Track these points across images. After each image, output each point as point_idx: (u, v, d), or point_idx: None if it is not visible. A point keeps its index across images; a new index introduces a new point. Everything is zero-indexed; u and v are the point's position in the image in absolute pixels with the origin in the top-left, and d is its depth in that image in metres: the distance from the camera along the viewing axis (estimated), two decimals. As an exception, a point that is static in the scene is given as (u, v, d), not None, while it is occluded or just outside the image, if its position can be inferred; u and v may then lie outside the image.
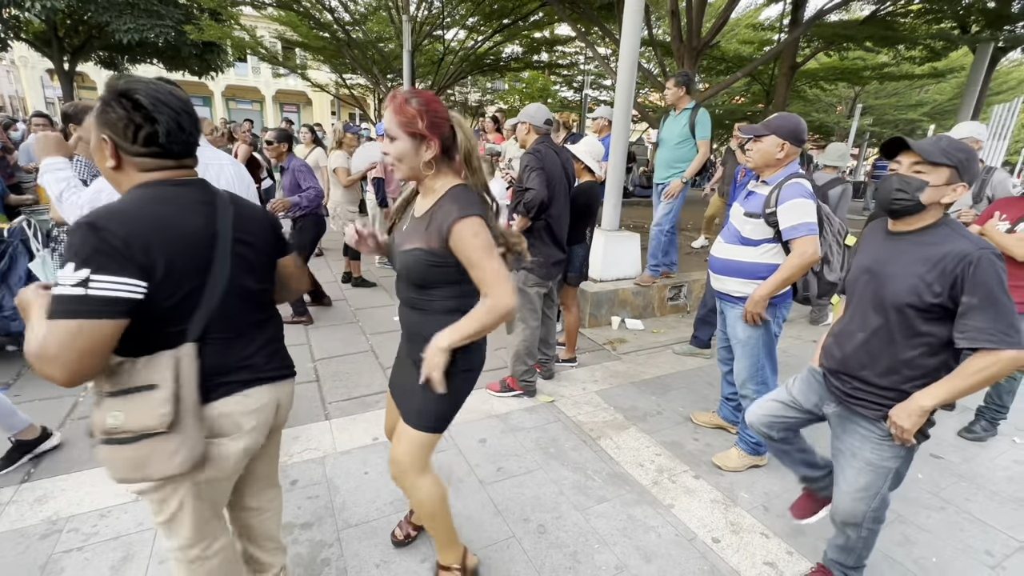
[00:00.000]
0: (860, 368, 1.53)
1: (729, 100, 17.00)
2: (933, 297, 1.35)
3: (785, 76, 8.60)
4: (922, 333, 1.41)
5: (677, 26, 6.66)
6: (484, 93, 20.38)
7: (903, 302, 1.40)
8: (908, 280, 1.39)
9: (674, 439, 2.76)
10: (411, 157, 1.33)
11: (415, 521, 1.95)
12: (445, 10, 11.25)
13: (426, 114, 1.29)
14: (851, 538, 1.66)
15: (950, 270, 1.32)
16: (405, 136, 1.30)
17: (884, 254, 1.49)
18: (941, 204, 1.40)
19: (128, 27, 12.02)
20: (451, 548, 1.70)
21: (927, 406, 1.39)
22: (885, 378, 1.48)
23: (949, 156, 1.35)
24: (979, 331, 1.30)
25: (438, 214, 1.34)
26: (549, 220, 2.84)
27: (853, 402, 1.56)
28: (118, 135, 1.04)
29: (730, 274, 2.30)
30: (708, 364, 3.73)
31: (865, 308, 1.52)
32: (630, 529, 2.08)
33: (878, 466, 1.53)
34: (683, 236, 6.66)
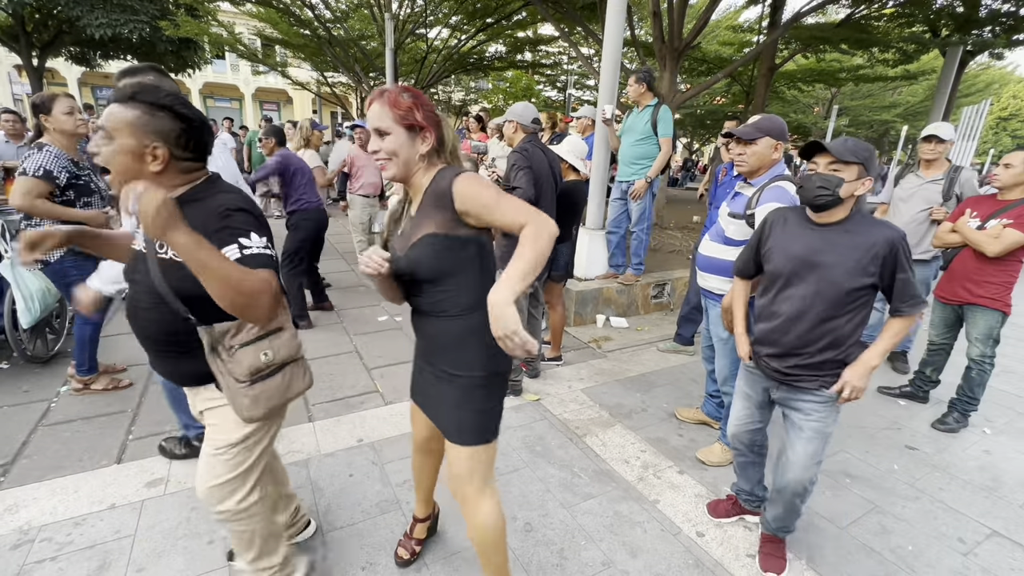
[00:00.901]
0: (803, 347, 1.67)
1: (710, 100, 17.25)
2: (868, 277, 1.56)
3: (764, 77, 8.76)
4: (853, 309, 1.61)
5: (659, 27, 6.72)
6: (468, 92, 20.33)
7: (848, 286, 1.57)
8: (847, 265, 1.57)
9: (659, 435, 2.79)
10: (407, 150, 1.27)
11: (416, 535, 1.89)
12: (428, 8, 11.18)
13: (421, 106, 1.27)
14: (798, 505, 1.80)
15: (882, 253, 1.54)
16: (401, 129, 1.25)
17: (818, 244, 1.62)
18: (854, 196, 1.59)
19: (100, 22, 11.67)
20: None
21: (876, 363, 1.61)
22: (826, 352, 1.64)
23: (857, 154, 1.53)
24: (914, 298, 1.57)
25: (435, 190, 1.28)
26: None
27: (797, 379, 1.70)
28: (171, 143, 1.19)
29: (714, 272, 2.33)
30: (692, 361, 3.78)
31: (806, 294, 1.64)
32: (616, 525, 2.10)
33: (823, 432, 1.70)
34: (665, 235, 6.74)
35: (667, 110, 4.09)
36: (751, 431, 1.94)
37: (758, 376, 1.86)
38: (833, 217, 1.62)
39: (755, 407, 1.91)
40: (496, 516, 1.46)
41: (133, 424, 2.64)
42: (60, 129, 2.56)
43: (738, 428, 1.97)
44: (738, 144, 2.20)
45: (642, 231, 4.43)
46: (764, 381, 1.84)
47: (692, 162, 21.90)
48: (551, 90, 18.70)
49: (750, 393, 1.91)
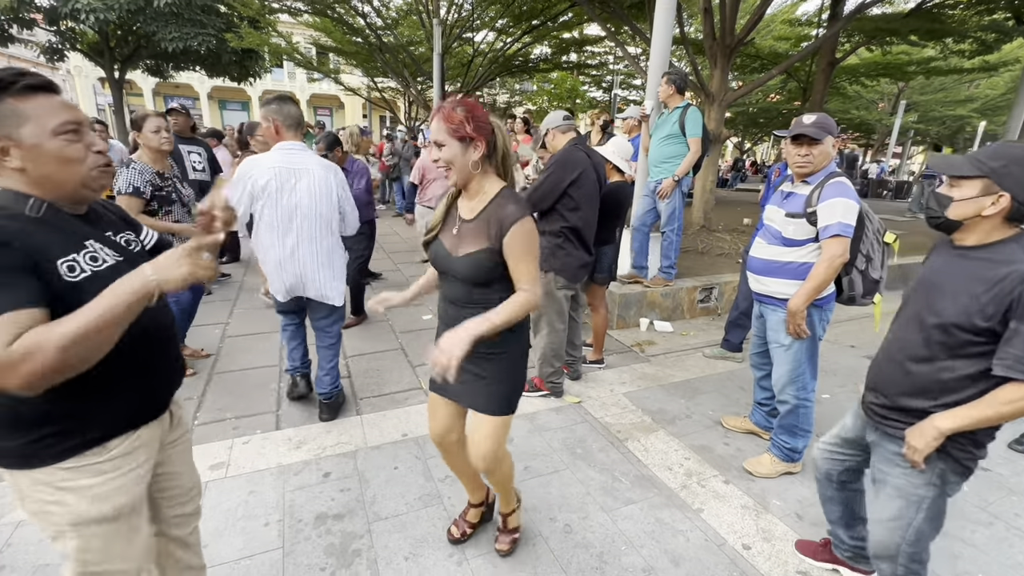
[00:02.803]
0: (894, 386, 1.44)
1: (763, 98, 16.59)
2: (983, 320, 1.24)
3: (823, 72, 8.33)
4: (964, 356, 1.30)
5: (710, 23, 6.53)
6: (512, 95, 20.44)
7: (949, 321, 1.30)
8: (960, 299, 1.28)
9: (703, 443, 2.72)
10: (460, 159, 1.43)
11: (470, 519, 1.97)
12: (475, 12, 11.34)
13: (472, 118, 1.40)
14: (885, 573, 1.55)
15: (1007, 291, 1.20)
16: (454, 141, 1.41)
17: (943, 267, 1.39)
18: (989, 217, 1.27)
19: (173, 36, 12.57)
20: (511, 496, 1.91)
21: (944, 428, 1.29)
22: (917, 399, 1.38)
23: (979, 166, 1.26)
24: (1017, 360, 1.19)
25: (497, 214, 1.45)
26: (577, 224, 2.82)
27: (884, 423, 1.47)
28: None
29: (773, 275, 2.25)
30: (739, 368, 3.65)
31: (909, 322, 1.43)
32: (658, 532, 2.06)
33: (908, 493, 1.43)
34: (714, 237, 6.54)
35: (696, 111, 3.99)
36: (831, 460, 1.75)
37: (860, 409, 1.65)
38: (968, 240, 1.34)
39: (844, 440, 1.70)
40: (511, 465, 1.81)
41: (198, 411, 2.83)
42: (147, 145, 2.88)
43: (821, 450, 1.78)
44: (804, 145, 2.11)
45: (672, 232, 4.31)
46: (863, 415, 1.62)
47: (742, 162, 21.13)
48: (596, 91, 18.52)
49: (848, 423, 1.70)
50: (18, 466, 1.00)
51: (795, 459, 2.44)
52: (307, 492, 2.20)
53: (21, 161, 0.97)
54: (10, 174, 0.98)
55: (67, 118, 0.99)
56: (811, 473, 2.43)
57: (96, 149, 1.04)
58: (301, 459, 2.42)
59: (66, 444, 1.01)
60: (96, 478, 1.04)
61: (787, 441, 2.42)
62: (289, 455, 2.45)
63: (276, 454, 2.45)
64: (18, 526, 1.95)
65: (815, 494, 2.28)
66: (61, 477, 1.01)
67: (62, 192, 1.03)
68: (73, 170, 1.01)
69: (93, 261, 1.02)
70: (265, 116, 2.42)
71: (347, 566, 1.84)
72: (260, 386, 3.10)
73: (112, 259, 1.06)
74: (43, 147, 0.97)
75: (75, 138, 1.00)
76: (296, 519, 2.05)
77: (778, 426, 2.45)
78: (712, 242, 6.26)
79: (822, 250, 2.08)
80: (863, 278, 2.18)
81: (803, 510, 2.23)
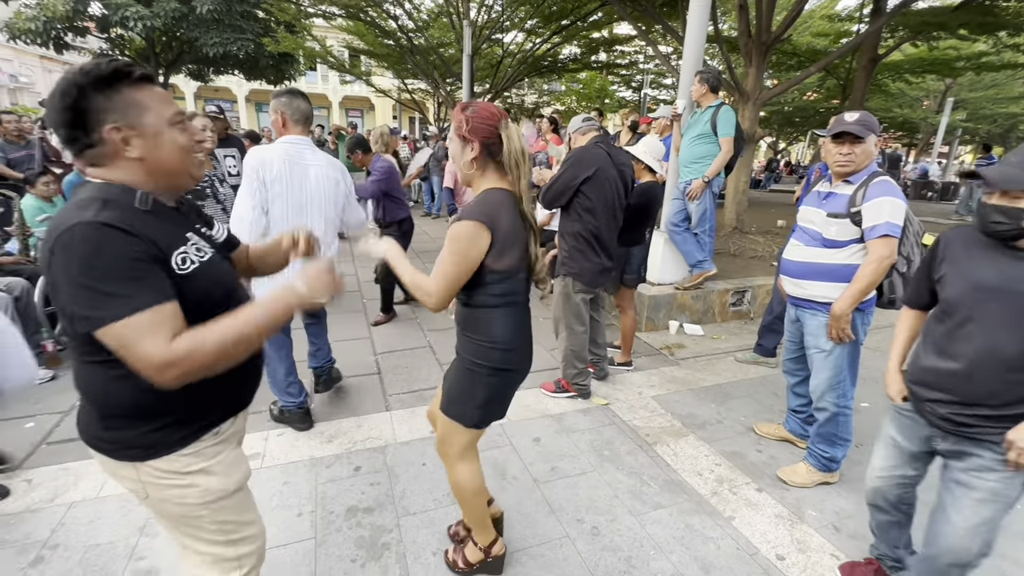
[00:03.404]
0: (988, 397, 1.37)
1: (799, 96, 16.11)
2: None
3: (865, 69, 8.04)
4: None
5: (745, 20, 6.38)
6: (540, 95, 20.42)
7: None
8: None
9: (735, 449, 2.65)
10: (458, 156, 1.49)
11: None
12: (504, 14, 11.38)
13: (472, 119, 1.43)
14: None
15: None
16: (456, 139, 1.47)
17: (1015, 272, 1.33)
18: None
19: (214, 41, 13.07)
20: (482, 531, 1.78)
21: None
22: (1019, 407, 1.33)
23: None
24: None
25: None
26: (594, 228, 2.77)
27: (975, 431, 1.40)
28: None
29: (815, 278, 2.18)
30: (773, 374, 3.56)
31: (994, 331, 1.35)
32: (687, 538, 2.03)
33: (1004, 496, 1.38)
34: (747, 239, 6.39)
35: (729, 110, 3.88)
36: (899, 486, 1.66)
37: (915, 422, 1.56)
38: None
39: (907, 459, 1.62)
40: (468, 478, 1.66)
41: (235, 402, 2.92)
42: None
43: (882, 482, 1.69)
44: (847, 144, 2.04)
45: (704, 233, 4.22)
46: (924, 429, 1.53)
47: (776, 162, 20.54)
48: (626, 90, 18.32)
49: (901, 442, 1.62)
50: (142, 457, 1.02)
51: (833, 469, 2.36)
52: (338, 485, 2.25)
53: (141, 151, 0.96)
54: (126, 165, 0.97)
55: (177, 109, 1.02)
56: (849, 484, 2.38)
57: (199, 139, 1.09)
58: (333, 453, 2.48)
59: (185, 431, 1.05)
60: (216, 458, 1.10)
61: (825, 450, 2.34)
62: (321, 448, 2.51)
63: (309, 447, 2.52)
64: (71, 507, 2.05)
65: (854, 505, 2.23)
66: (186, 463, 1.05)
67: (173, 181, 1.04)
68: (186, 158, 1.03)
69: (198, 252, 1.04)
70: (274, 108, 2.39)
71: (377, 559, 1.87)
72: (293, 380, 3.19)
73: (207, 252, 1.07)
74: (163, 136, 0.98)
75: (184, 128, 1.03)
76: (328, 511, 2.10)
77: (815, 434, 2.37)
78: (745, 244, 6.12)
79: (869, 251, 2.01)
80: (904, 281, 2.11)
81: (840, 522, 2.16)
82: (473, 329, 1.53)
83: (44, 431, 2.58)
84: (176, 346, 0.87)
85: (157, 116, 0.97)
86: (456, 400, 1.59)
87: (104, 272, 0.85)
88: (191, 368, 0.89)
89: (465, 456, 1.66)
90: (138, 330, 0.86)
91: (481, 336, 1.52)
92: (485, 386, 1.55)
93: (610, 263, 2.92)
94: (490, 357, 1.52)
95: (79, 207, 0.90)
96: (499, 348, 1.52)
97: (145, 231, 0.92)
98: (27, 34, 12.49)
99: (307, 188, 2.39)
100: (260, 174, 2.29)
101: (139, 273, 0.89)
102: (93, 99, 0.91)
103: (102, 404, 1.01)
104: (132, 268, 0.88)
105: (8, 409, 2.67)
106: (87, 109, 0.91)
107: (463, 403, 1.58)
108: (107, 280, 0.85)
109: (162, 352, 0.86)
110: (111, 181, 0.97)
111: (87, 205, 0.90)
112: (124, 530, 1.95)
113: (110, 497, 2.11)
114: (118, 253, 0.87)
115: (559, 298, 2.95)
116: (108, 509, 2.05)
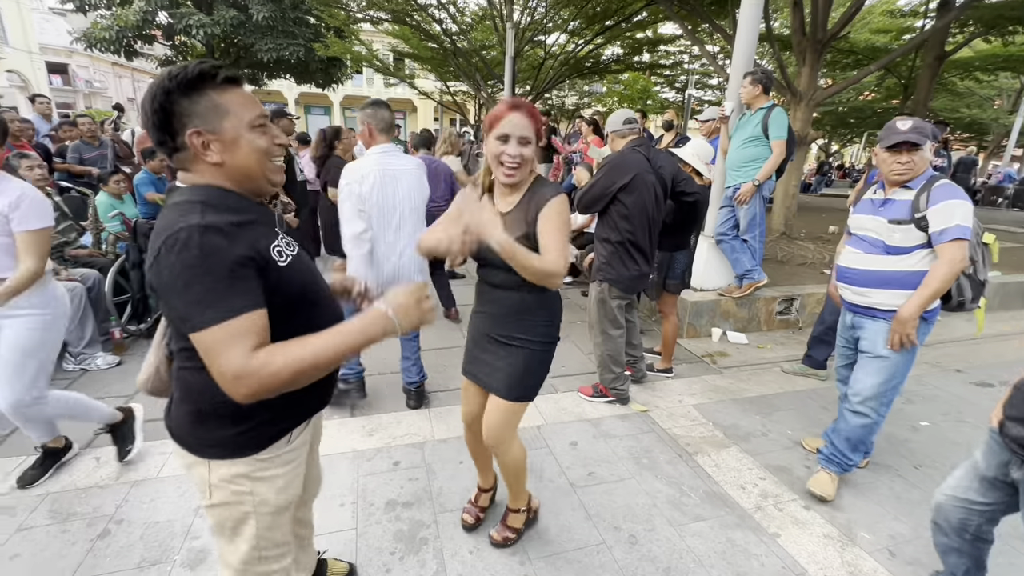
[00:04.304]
0: None
1: (855, 96, 15.34)
2: None
3: (930, 67, 7.56)
4: None
5: (800, 18, 6.13)
6: (581, 96, 20.29)
7: None
8: None
9: (781, 464, 2.55)
10: (532, 157, 1.49)
11: (480, 503, 2.07)
12: (547, 15, 11.37)
13: (542, 122, 1.50)
14: None
15: None
16: (535, 139, 1.47)
17: None
18: None
19: (268, 47, 13.69)
20: (522, 496, 1.93)
21: None
22: None
23: None
24: None
25: (535, 199, 1.50)
26: (631, 234, 2.72)
27: None
28: None
29: (880, 286, 2.09)
30: (822, 387, 3.40)
31: None
32: (729, 553, 1.96)
33: None
34: (795, 246, 6.13)
35: (781, 112, 3.73)
36: (963, 510, 1.57)
37: (998, 445, 1.48)
38: None
39: (978, 483, 1.53)
40: (522, 450, 1.81)
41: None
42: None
43: (945, 500, 1.61)
44: (904, 152, 1.97)
45: (754, 239, 4.06)
46: (1002, 453, 1.46)
47: (828, 165, 19.64)
48: (669, 91, 17.95)
49: (980, 463, 1.54)
50: (227, 455, 1.05)
51: (849, 470, 2.33)
52: (378, 478, 2.31)
53: (220, 155, 0.96)
54: (206, 169, 0.98)
55: (259, 111, 1.01)
56: (908, 507, 2.25)
57: (279, 142, 1.05)
58: (373, 446, 2.54)
59: (268, 433, 1.07)
60: (283, 468, 1.11)
61: (850, 457, 2.28)
62: (362, 441, 2.58)
63: (351, 440, 2.59)
64: (134, 485, 2.19)
65: (911, 530, 2.11)
66: (258, 467, 1.07)
67: (251, 185, 1.03)
68: (263, 162, 1.02)
69: (288, 246, 1.05)
70: (361, 120, 2.52)
71: (415, 553, 1.90)
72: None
73: (294, 248, 1.08)
74: (241, 140, 0.97)
75: (265, 131, 1.01)
76: (368, 503, 2.15)
77: (841, 438, 2.29)
78: (794, 251, 5.87)
79: (940, 255, 1.93)
80: (971, 282, 2.07)
81: (897, 547, 2.04)
82: (536, 312, 1.62)
83: (111, 413, 2.77)
84: (256, 359, 0.87)
85: (237, 120, 0.97)
86: (522, 383, 1.66)
87: (205, 275, 0.86)
88: (267, 385, 0.88)
89: (516, 433, 1.76)
90: (225, 337, 0.86)
91: (545, 316, 1.64)
92: (549, 359, 1.70)
93: (648, 269, 2.86)
94: (550, 333, 1.67)
95: (183, 211, 0.91)
96: (556, 323, 1.68)
97: (244, 233, 0.94)
98: (102, 43, 13.46)
99: (398, 195, 2.51)
100: (357, 189, 2.41)
101: (237, 277, 0.89)
102: (178, 103, 0.92)
103: (201, 401, 1.03)
104: (231, 272, 0.88)
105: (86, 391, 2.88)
106: (172, 113, 0.93)
107: (532, 384, 1.69)
108: (207, 284, 0.86)
109: (239, 363, 0.86)
110: (199, 185, 0.98)
111: (190, 209, 0.91)
112: (181, 510, 2.06)
113: (169, 478, 2.23)
114: (221, 257, 0.88)
115: (595, 303, 2.92)
116: (167, 489, 2.17)
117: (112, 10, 13.43)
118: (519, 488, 1.89)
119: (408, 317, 1.00)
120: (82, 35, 13.65)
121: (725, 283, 4.31)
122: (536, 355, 1.65)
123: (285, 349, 0.90)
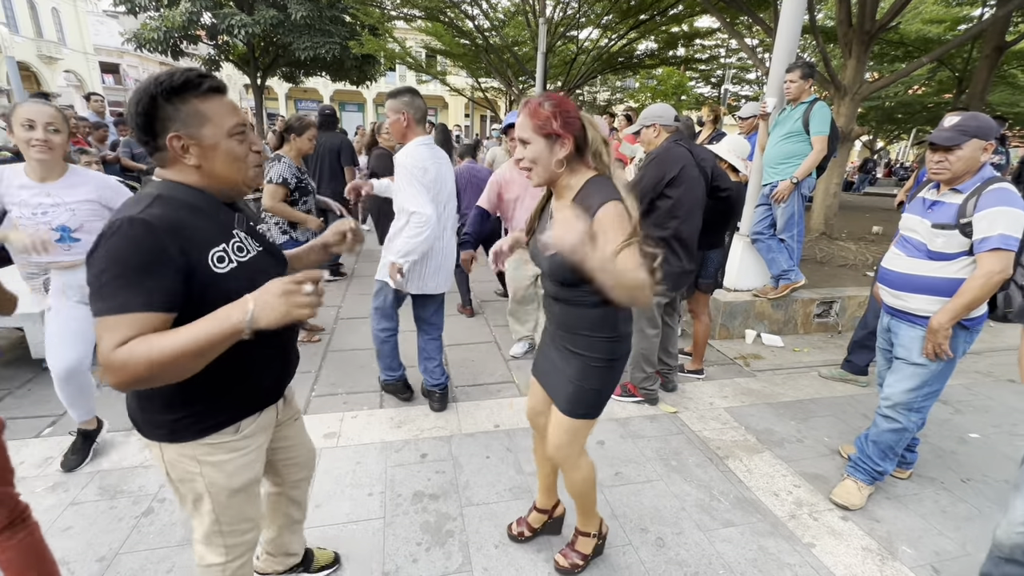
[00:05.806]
0: None
1: (904, 90, 14.60)
2: None
3: (988, 59, 7.12)
4: None
5: (846, 8, 5.86)
6: (613, 92, 20.00)
7: None
8: None
9: (817, 472, 2.47)
10: (545, 157, 1.35)
11: (531, 522, 1.96)
12: (580, 10, 11.24)
13: (559, 114, 1.32)
14: None
15: None
16: (539, 138, 1.34)
17: None
18: None
19: (305, 45, 14.03)
20: (592, 518, 1.82)
21: None
22: None
23: None
24: None
25: (582, 206, 1.33)
26: (680, 229, 2.65)
27: None
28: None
29: (916, 291, 1.99)
30: (862, 393, 3.26)
31: None
32: (761, 561, 1.91)
33: None
34: (836, 246, 5.90)
35: (824, 106, 3.56)
36: None
37: None
38: None
39: None
40: (590, 468, 1.71)
41: (315, 383, 3.13)
42: (300, 148, 3.32)
43: (1016, 534, 1.48)
44: (939, 151, 1.87)
45: (792, 239, 3.91)
46: None
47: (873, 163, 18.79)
48: (705, 86, 17.50)
49: None
50: (167, 439, 1.12)
51: (879, 480, 2.24)
52: (406, 470, 2.34)
53: (198, 159, 1.03)
54: (185, 169, 1.05)
55: (238, 120, 1.06)
56: (953, 522, 2.15)
57: (256, 149, 1.11)
58: (402, 438, 2.58)
59: (203, 424, 1.12)
60: (231, 455, 1.16)
61: (878, 464, 2.19)
62: (391, 433, 2.62)
63: (380, 431, 2.64)
64: (175, 467, 2.29)
65: (958, 547, 2.01)
66: (204, 451, 1.13)
67: (226, 188, 1.11)
68: (240, 168, 1.09)
69: (239, 251, 1.09)
70: (397, 109, 2.38)
71: (441, 545, 1.92)
72: (366, 366, 3.34)
73: (255, 249, 1.14)
74: (219, 147, 1.04)
75: (243, 139, 1.08)
76: (396, 493, 2.19)
77: (871, 443, 2.20)
78: (834, 251, 5.65)
79: (979, 264, 1.82)
80: (1022, 293, 1.90)
81: (941, 564, 1.94)
82: (599, 328, 1.48)
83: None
84: (116, 353, 0.88)
85: (217, 128, 1.03)
86: (586, 400, 1.56)
87: (116, 265, 0.91)
88: (127, 380, 0.89)
89: (583, 450, 1.69)
90: (104, 331, 0.89)
91: (609, 333, 1.49)
92: (616, 376, 1.58)
93: (691, 266, 2.79)
94: (617, 351, 1.53)
95: (135, 201, 0.99)
96: (624, 339, 1.54)
97: (184, 234, 0.97)
98: (151, 43, 14.08)
99: (447, 185, 2.56)
100: (423, 177, 2.39)
101: (148, 273, 0.92)
102: (162, 108, 0.99)
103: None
104: (143, 268, 0.91)
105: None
106: (155, 116, 0.99)
107: (597, 402, 1.58)
108: (115, 272, 0.90)
109: (105, 355, 0.88)
110: (168, 180, 1.06)
111: (141, 201, 0.98)
112: (219, 492, 2.14)
113: (208, 461, 2.32)
114: (140, 250, 0.91)
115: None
116: (206, 472, 2.26)
117: (160, 11, 14.01)
118: (587, 508, 1.79)
119: (269, 309, 0.90)
120: (132, 36, 14.30)
121: (760, 283, 4.18)
122: (603, 372, 1.52)
123: (148, 342, 0.89)
